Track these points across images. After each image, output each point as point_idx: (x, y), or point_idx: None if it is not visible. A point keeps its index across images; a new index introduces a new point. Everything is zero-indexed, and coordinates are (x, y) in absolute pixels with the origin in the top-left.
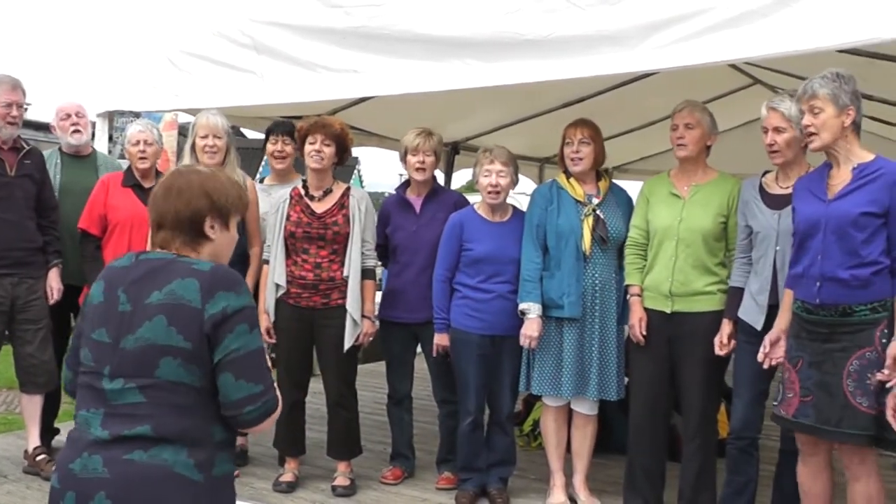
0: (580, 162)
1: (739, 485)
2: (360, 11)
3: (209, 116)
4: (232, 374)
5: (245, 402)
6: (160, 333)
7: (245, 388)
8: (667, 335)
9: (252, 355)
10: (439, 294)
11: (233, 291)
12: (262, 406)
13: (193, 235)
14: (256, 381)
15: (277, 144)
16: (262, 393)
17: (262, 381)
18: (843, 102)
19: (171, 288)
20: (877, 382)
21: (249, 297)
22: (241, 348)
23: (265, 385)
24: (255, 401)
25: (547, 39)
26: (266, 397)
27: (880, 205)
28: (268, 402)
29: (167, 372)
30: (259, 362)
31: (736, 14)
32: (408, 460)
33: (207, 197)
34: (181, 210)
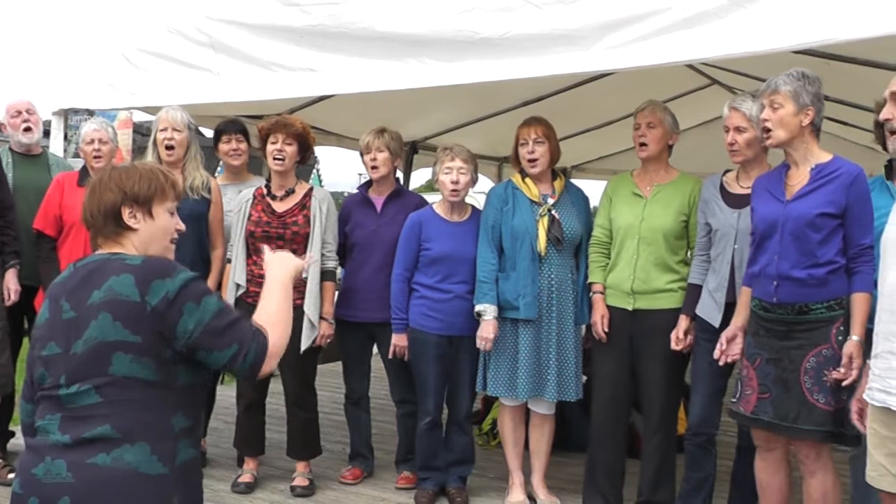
0: (536, 162)
1: (697, 481)
2: (318, 10)
3: (169, 110)
4: (203, 350)
5: (230, 364)
6: (108, 330)
7: (223, 356)
8: (628, 332)
9: (209, 326)
10: (398, 294)
11: (168, 277)
12: (245, 361)
13: (115, 228)
14: (228, 344)
15: (231, 143)
16: (237, 353)
17: (234, 339)
18: (803, 102)
19: (108, 285)
20: (833, 379)
21: (185, 273)
22: (197, 325)
23: (239, 341)
24: (238, 359)
25: (504, 38)
26: (245, 351)
27: (837, 206)
28: (248, 354)
29: (121, 368)
30: (220, 327)
31: (691, 14)
32: (367, 460)
33: (119, 188)
34: (99, 206)
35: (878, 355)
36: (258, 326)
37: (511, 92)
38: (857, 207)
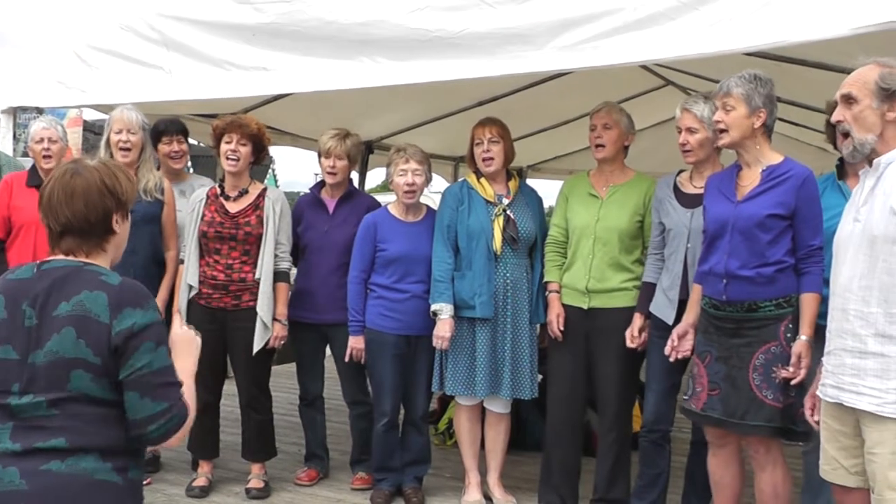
0: (492, 162)
1: (652, 477)
2: (271, 8)
3: (124, 111)
4: (137, 392)
5: (148, 422)
6: (69, 346)
7: (149, 407)
8: (584, 331)
9: (157, 373)
10: (354, 296)
11: (140, 308)
12: (167, 423)
13: (103, 234)
14: (161, 399)
15: (173, 144)
16: (165, 411)
17: (167, 398)
18: (755, 104)
19: (79, 299)
20: (782, 377)
21: (157, 314)
22: (146, 367)
23: (170, 402)
24: (159, 419)
25: (456, 38)
26: (170, 414)
27: (787, 207)
28: (172, 420)
29: (79, 385)
30: (164, 380)
31: (644, 16)
32: (322, 461)
33: (112, 194)
34: (91, 214)
35: (830, 352)
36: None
37: (467, 92)
38: (806, 209)
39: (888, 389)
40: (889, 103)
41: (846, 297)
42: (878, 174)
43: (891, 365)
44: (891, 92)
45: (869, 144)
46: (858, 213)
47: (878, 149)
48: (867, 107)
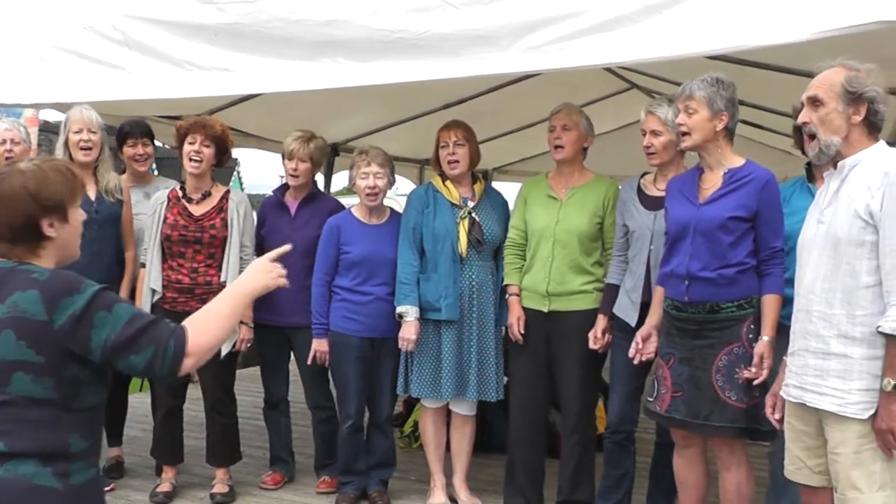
0: (457, 164)
1: (616, 478)
2: (233, 8)
3: (83, 111)
4: (121, 358)
5: (150, 366)
6: (9, 349)
7: (141, 359)
8: (545, 334)
9: (123, 330)
10: (318, 299)
11: (74, 294)
12: (168, 356)
13: (33, 239)
14: (143, 347)
15: (138, 147)
16: (156, 351)
17: (150, 341)
18: (717, 107)
19: (13, 300)
20: (745, 378)
21: (92, 286)
22: (111, 332)
23: (155, 343)
24: (156, 360)
25: (420, 38)
26: (164, 348)
27: (748, 209)
28: (168, 350)
29: (20, 387)
30: (134, 331)
31: (608, 18)
32: (287, 465)
33: (34, 199)
34: (13, 220)
35: (794, 353)
36: (177, 325)
37: (432, 94)
38: (767, 211)
39: (850, 390)
40: (855, 106)
41: (810, 298)
42: (843, 177)
43: (853, 366)
44: (857, 95)
45: (834, 146)
46: (822, 215)
47: (843, 151)
48: (833, 109)
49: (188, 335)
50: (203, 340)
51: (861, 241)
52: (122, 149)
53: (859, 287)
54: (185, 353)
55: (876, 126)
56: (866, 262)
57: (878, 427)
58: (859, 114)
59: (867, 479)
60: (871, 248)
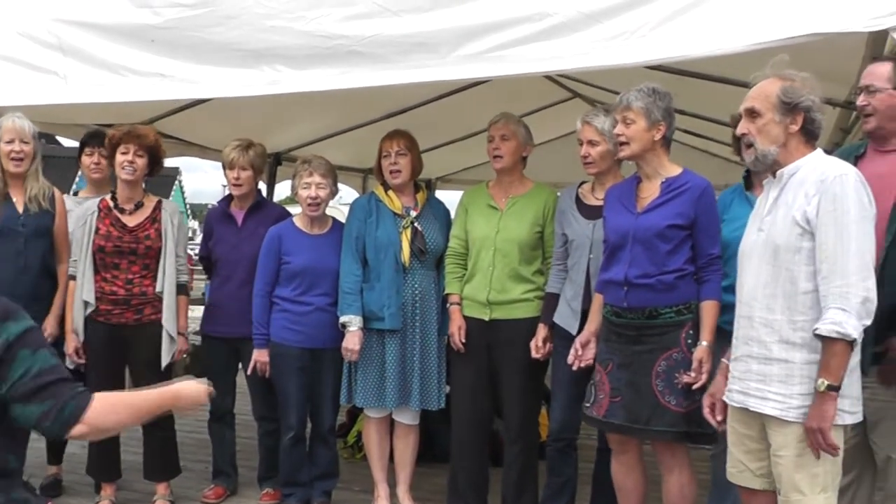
0: (399, 174)
1: (559, 485)
2: (170, 13)
3: (15, 120)
4: (20, 402)
5: (41, 421)
6: None
7: (36, 410)
8: (486, 342)
9: (37, 376)
10: (259, 309)
11: (10, 321)
12: (58, 418)
13: None
14: (44, 399)
15: (94, 156)
16: (51, 408)
17: (51, 396)
18: (654, 118)
19: None
20: (684, 382)
21: (28, 320)
22: (25, 374)
23: (56, 398)
24: (48, 417)
25: (360, 45)
26: (58, 409)
27: (686, 217)
28: (63, 412)
29: None
30: (45, 380)
31: (548, 26)
32: (230, 478)
33: None
34: None
35: (737, 358)
36: (84, 391)
37: (376, 103)
38: (704, 219)
39: (792, 394)
40: (791, 116)
41: (751, 304)
42: (782, 185)
43: (794, 371)
44: (793, 105)
45: (772, 156)
46: (762, 223)
47: (781, 160)
48: (770, 120)
49: (90, 406)
50: (104, 420)
51: (799, 247)
52: (80, 158)
53: (799, 293)
54: (80, 420)
55: (813, 134)
56: (805, 268)
57: (809, 426)
58: (796, 123)
59: (810, 482)
60: (808, 255)
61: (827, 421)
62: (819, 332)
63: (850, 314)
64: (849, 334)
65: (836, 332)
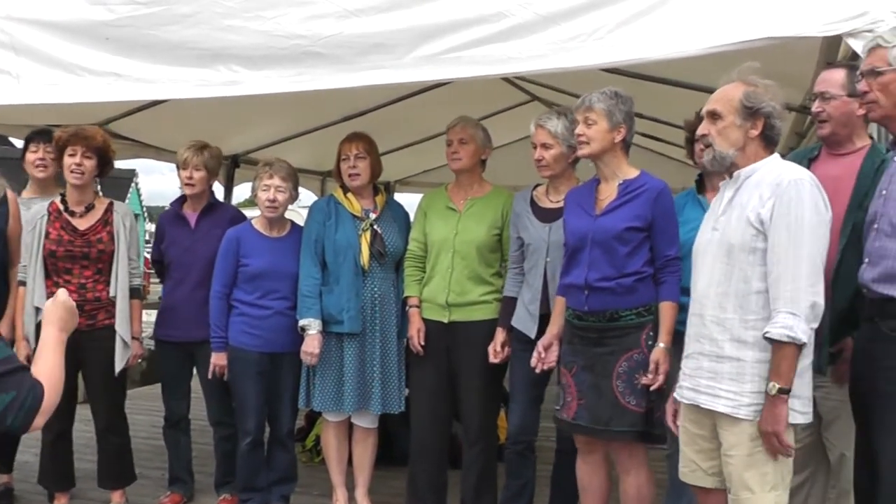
0: (357, 177)
1: (518, 487)
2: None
3: None
4: None
5: (5, 413)
6: None
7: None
8: (445, 345)
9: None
10: (216, 311)
11: None
12: (25, 406)
13: None
14: (6, 390)
15: (39, 152)
16: (16, 398)
17: (13, 387)
18: (616, 120)
19: None
20: (642, 383)
21: None
22: None
23: (17, 389)
24: (13, 407)
25: (317, 45)
26: (23, 398)
27: (643, 219)
28: (24, 404)
29: None
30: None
31: (505, 28)
32: (186, 484)
33: None
34: None
35: (688, 356)
36: (36, 379)
37: (334, 106)
38: (661, 221)
39: (743, 392)
40: (752, 121)
41: (704, 303)
42: (737, 186)
43: (745, 369)
44: (754, 110)
45: (729, 158)
46: (717, 223)
47: (739, 162)
48: (731, 123)
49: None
50: (52, 399)
51: (753, 248)
52: (24, 155)
53: (751, 292)
54: (40, 410)
55: (772, 140)
56: (758, 268)
57: (763, 429)
58: (756, 128)
59: (759, 480)
60: (762, 255)
61: (780, 423)
62: (770, 336)
63: (799, 318)
64: (798, 338)
65: (787, 336)
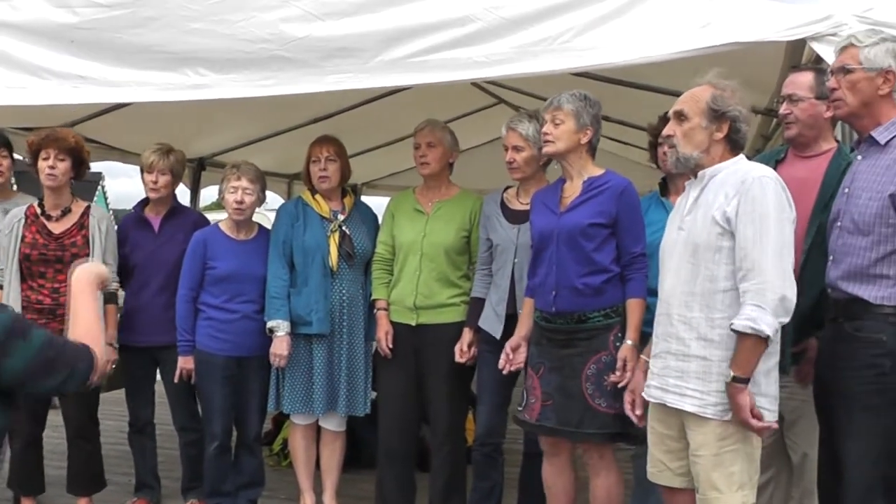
0: (327, 180)
1: (486, 490)
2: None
3: None
4: (33, 381)
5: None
6: None
7: (52, 382)
8: (413, 347)
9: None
10: (183, 314)
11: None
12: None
13: None
14: (56, 370)
15: None
16: (70, 374)
17: (61, 367)
18: (583, 121)
19: None
20: (612, 383)
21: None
22: (27, 362)
23: (69, 366)
24: (68, 382)
25: (283, 49)
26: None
27: (607, 216)
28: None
29: None
30: (46, 357)
31: (472, 32)
32: (153, 490)
33: None
34: None
35: (656, 355)
36: (84, 346)
37: (301, 108)
38: (626, 217)
39: (709, 391)
40: (718, 123)
41: (671, 302)
42: (703, 185)
43: (712, 368)
44: (720, 113)
45: (693, 160)
46: (682, 223)
47: (704, 164)
48: (697, 125)
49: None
50: (100, 354)
51: (718, 246)
52: None
53: (717, 291)
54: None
55: (738, 144)
56: (724, 266)
57: (737, 423)
58: (721, 131)
59: (727, 480)
60: (728, 254)
61: (743, 411)
62: (733, 327)
63: (765, 311)
64: (762, 330)
65: (750, 328)
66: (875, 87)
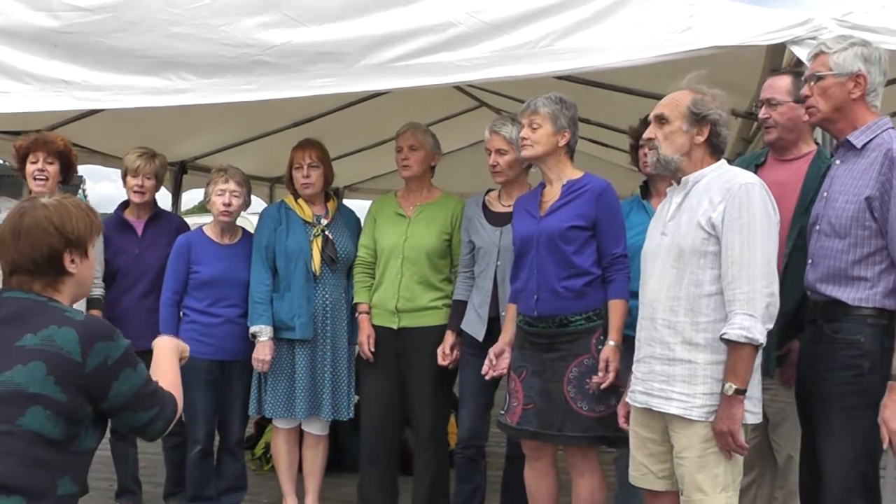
0: (311, 186)
1: (468, 493)
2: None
3: None
4: (130, 410)
5: (149, 425)
6: (35, 381)
7: (144, 417)
8: (395, 351)
9: (140, 391)
10: (167, 319)
11: (111, 341)
12: (164, 418)
13: (54, 274)
14: (150, 406)
15: None
16: (159, 413)
17: (155, 403)
18: (560, 124)
19: (47, 333)
20: (595, 386)
21: (122, 338)
22: (131, 389)
23: (160, 405)
24: (156, 421)
25: (265, 54)
26: (163, 413)
27: (587, 218)
28: (167, 414)
29: (31, 422)
30: (147, 391)
31: (453, 36)
32: (135, 495)
33: (60, 233)
34: (36, 254)
35: (640, 360)
36: (169, 392)
37: (283, 111)
38: (605, 219)
39: (695, 394)
40: (698, 127)
41: (655, 307)
42: (686, 191)
43: (697, 371)
44: (700, 117)
45: (674, 163)
46: (666, 228)
47: (685, 168)
48: (678, 129)
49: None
50: (180, 408)
51: (704, 251)
52: None
53: (702, 295)
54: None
55: (718, 148)
56: (709, 271)
57: (719, 429)
58: (702, 135)
59: (711, 482)
60: (713, 259)
61: (736, 423)
62: (727, 337)
63: (756, 319)
64: (756, 339)
65: (745, 337)
66: (846, 91)
